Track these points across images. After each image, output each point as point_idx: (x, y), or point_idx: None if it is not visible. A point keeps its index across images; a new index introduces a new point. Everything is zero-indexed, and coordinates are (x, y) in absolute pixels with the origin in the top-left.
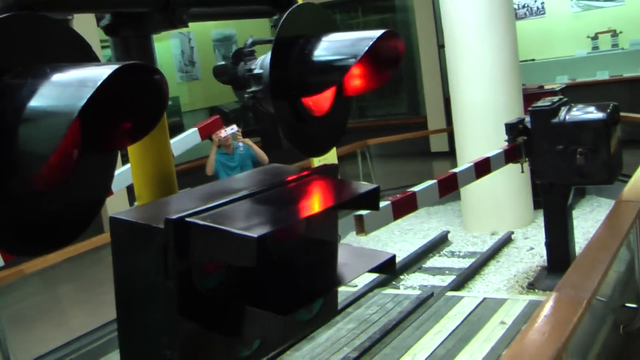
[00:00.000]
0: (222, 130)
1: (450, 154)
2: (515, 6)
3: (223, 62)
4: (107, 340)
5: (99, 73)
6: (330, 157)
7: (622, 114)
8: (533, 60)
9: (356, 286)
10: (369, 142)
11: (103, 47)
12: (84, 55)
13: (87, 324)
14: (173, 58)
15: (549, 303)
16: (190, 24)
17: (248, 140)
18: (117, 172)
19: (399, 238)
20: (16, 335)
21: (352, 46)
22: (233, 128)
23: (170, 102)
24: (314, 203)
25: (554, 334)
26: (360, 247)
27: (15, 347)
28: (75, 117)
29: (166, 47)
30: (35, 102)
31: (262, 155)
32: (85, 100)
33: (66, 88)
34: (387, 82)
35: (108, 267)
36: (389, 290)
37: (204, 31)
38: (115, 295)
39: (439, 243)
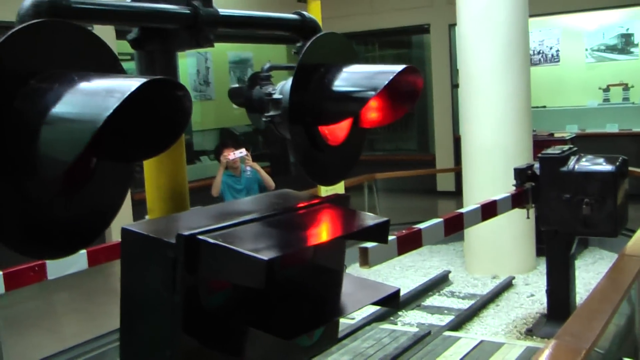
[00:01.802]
0: (231, 153)
1: (457, 194)
2: (531, 52)
3: (238, 85)
4: (102, 352)
5: (127, 85)
6: (338, 187)
7: (630, 168)
8: (544, 107)
9: (354, 319)
10: (377, 175)
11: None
12: (111, 66)
13: (82, 333)
14: (188, 77)
15: (547, 350)
16: None
17: (256, 165)
18: None
19: (399, 274)
20: (9, 339)
21: (372, 79)
22: (242, 151)
23: None
24: (324, 231)
25: None
26: (364, 279)
27: (8, 350)
28: (100, 126)
29: (182, 65)
30: (60, 108)
31: (269, 180)
32: (111, 110)
33: (93, 97)
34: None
35: (107, 278)
36: (386, 325)
37: (221, 52)
38: (121, 305)
39: (440, 282)
